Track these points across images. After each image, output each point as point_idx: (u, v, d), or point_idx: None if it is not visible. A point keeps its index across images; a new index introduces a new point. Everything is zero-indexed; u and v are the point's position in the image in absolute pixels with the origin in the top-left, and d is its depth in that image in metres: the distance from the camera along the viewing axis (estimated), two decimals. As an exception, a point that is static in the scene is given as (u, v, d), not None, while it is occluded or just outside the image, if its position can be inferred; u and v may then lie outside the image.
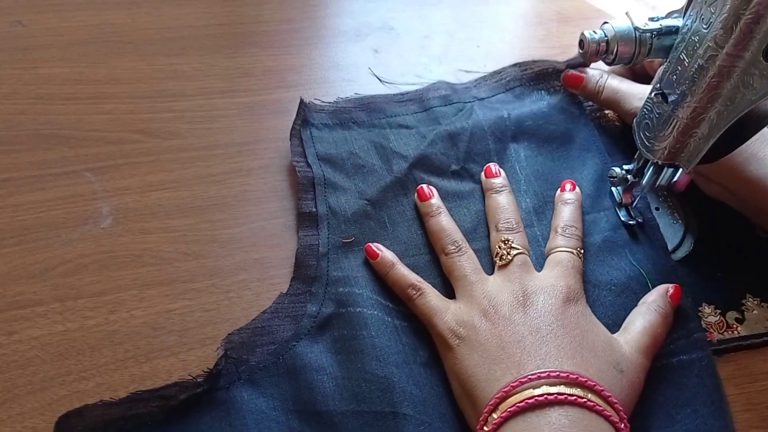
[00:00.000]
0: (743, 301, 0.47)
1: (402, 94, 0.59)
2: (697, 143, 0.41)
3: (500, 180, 0.51)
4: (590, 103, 0.58)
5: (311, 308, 0.45)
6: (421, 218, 0.50)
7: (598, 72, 0.56)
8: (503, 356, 0.39)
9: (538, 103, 0.58)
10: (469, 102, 0.58)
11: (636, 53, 0.42)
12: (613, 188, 0.51)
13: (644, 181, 0.47)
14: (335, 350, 0.43)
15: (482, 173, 0.52)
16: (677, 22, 0.41)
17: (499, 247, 0.46)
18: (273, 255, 0.48)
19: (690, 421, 0.41)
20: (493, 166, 0.51)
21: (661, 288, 0.45)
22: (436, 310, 0.43)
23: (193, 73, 0.60)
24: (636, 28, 0.42)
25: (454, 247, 0.46)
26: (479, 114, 0.56)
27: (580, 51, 0.44)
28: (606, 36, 0.42)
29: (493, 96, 0.59)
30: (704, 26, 0.38)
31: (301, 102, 0.56)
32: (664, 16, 0.42)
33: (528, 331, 0.40)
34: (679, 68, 0.40)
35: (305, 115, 0.55)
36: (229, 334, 0.43)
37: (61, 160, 0.52)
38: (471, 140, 0.55)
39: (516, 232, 0.46)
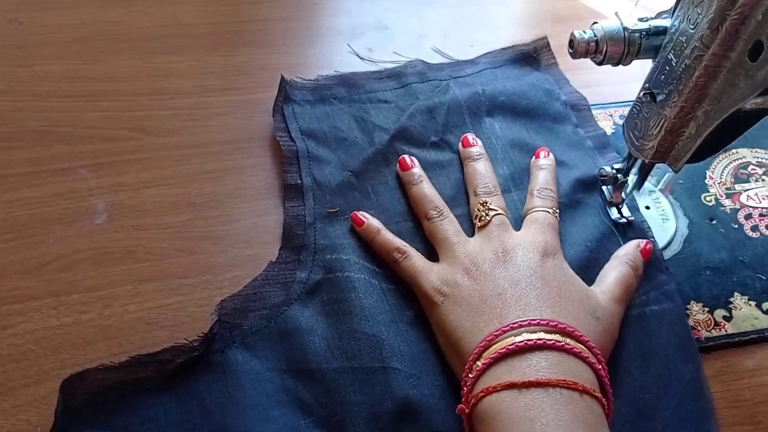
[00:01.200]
0: (731, 300, 0.48)
1: (380, 71, 0.62)
2: (684, 143, 0.42)
3: (477, 149, 0.53)
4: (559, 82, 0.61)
5: (300, 275, 0.47)
6: (403, 187, 0.52)
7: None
8: (485, 309, 0.40)
9: (511, 81, 0.61)
10: (445, 80, 0.61)
11: (625, 53, 0.42)
12: (603, 187, 0.52)
13: (633, 180, 0.47)
14: (325, 313, 0.45)
15: (459, 143, 0.54)
16: (666, 22, 0.41)
17: (478, 210, 0.48)
18: (266, 252, 0.48)
19: (662, 365, 0.44)
20: (470, 136, 0.54)
21: (632, 242, 0.48)
22: (420, 270, 0.45)
23: (189, 71, 0.61)
24: (625, 28, 0.42)
25: (435, 212, 0.48)
26: (455, 90, 0.59)
27: (570, 50, 0.44)
28: (595, 36, 0.42)
29: (467, 75, 0.62)
30: (691, 26, 0.38)
31: (282, 79, 0.58)
32: (653, 16, 0.43)
33: (508, 284, 0.41)
34: (667, 68, 0.41)
35: (287, 92, 0.57)
36: (222, 300, 0.44)
37: (57, 157, 0.52)
38: (448, 114, 0.57)
39: (493, 195, 0.48)
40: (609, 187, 0.51)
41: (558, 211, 0.48)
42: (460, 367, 0.40)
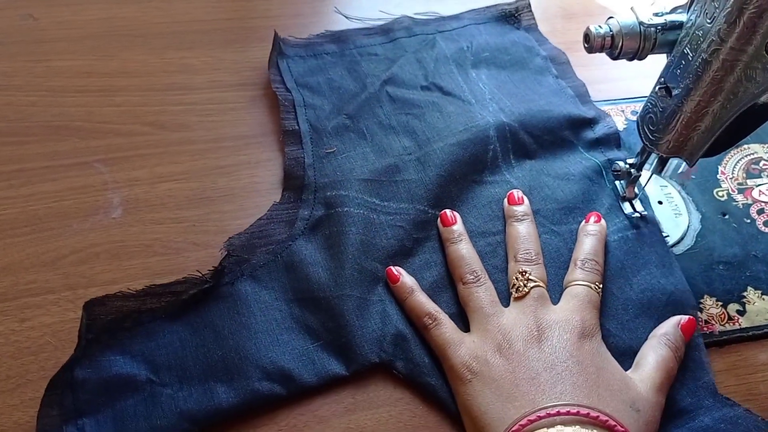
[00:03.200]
0: (744, 294, 0.48)
1: (368, 28, 0.65)
2: (700, 137, 0.42)
3: (523, 208, 0.49)
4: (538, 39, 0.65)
5: (303, 212, 0.49)
6: (398, 127, 0.55)
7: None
8: (517, 394, 0.38)
9: (494, 38, 0.65)
10: (432, 33, 0.64)
11: (641, 48, 0.43)
12: (617, 182, 0.52)
13: (648, 174, 0.48)
14: (327, 246, 0.47)
15: (505, 200, 0.50)
16: (681, 16, 0.42)
17: (516, 279, 0.45)
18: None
19: (645, 281, 0.46)
20: (516, 193, 0.50)
21: (672, 320, 0.44)
22: (450, 342, 0.42)
23: (202, 67, 0.61)
24: (641, 23, 0.42)
25: (472, 277, 0.45)
26: (442, 44, 0.63)
27: (586, 45, 0.44)
28: (611, 30, 0.43)
29: (453, 30, 0.65)
30: (708, 21, 0.38)
31: (276, 35, 0.61)
32: (668, 11, 0.43)
33: (543, 367, 0.39)
34: (683, 62, 0.41)
35: (281, 47, 0.61)
36: (230, 237, 0.47)
37: (73, 152, 0.53)
38: (436, 64, 0.61)
39: (534, 264, 0.45)
40: (622, 182, 0.51)
41: (601, 285, 0.45)
42: None
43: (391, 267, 0.47)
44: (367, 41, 0.63)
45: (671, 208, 0.53)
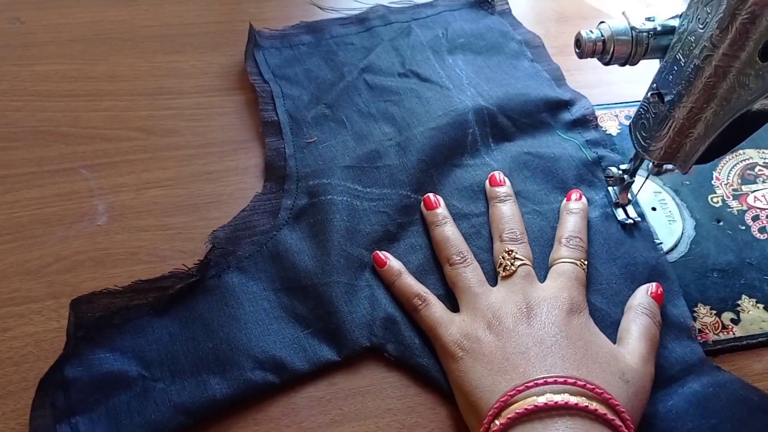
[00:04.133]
0: (739, 302, 0.47)
1: (344, 18, 0.66)
2: (693, 143, 0.41)
3: (505, 189, 0.50)
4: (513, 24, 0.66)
5: (286, 202, 0.50)
6: (377, 114, 0.56)
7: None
8: (508, 367, 0.38)
9: (468, 24, 0.66)
10: (407, 21, 0.65)
11: (632, 53, 0.42)
12: (609, 188, 0.51)
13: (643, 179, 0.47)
14: (312, 234, 0.48)
15: (487, 182, 0.51)
16: (674, 21, 0.41)
17: (503, 258, 0.45)
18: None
19: (628, 256, 0.48)
20: (497, 174, 0.51)
21: (641, 289, 0.45)
22: (440, 321, 0.42)
23: (191, 71, 0.60)
24: (633, 28, 0.41)
25: (458, 258, 0.45)
26: (417, 32, 0.64)
27: (577, 50, 0.43)
28: (603, 35, 0.42)
29: (428, 17, 0.66)
30: (700, 26, 0.37)
31: (251, 27, 0.62)
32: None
33: (532, 342, 0.39)
34: (676, 68, 0.40)
35: (256, 39, 0.61)
36: (214, 230, 0.47)
37: (58, 157, 0.52)
38: (412, 51, 0.62)
39: (520, 243, 0.46)
40: (615, 188, 0.51)
41: (586, 262, 0.46)
42: (477, 428, 0.38)
43: (378, 252, 0.47)
44: (342, 31, 0.64)
45: (665, 214, 0.52)
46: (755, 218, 0.52)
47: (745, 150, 0.57)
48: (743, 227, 0.51)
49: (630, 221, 0.49)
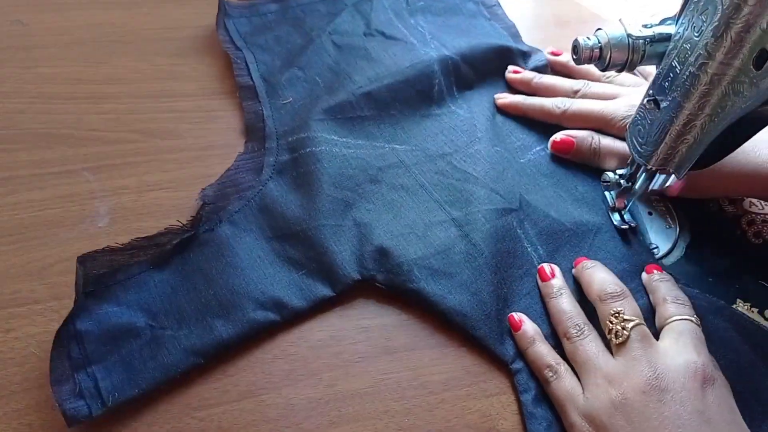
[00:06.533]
0: (734, 306, 0.47)
1: None
2: (688, 150, 0.42)
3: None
4: None
5: (269, 159, 0.53)
6: (347, 68, 0.59)
7: (587, 133, 0.54)
8: None
9: None
10: None
11: (629, 60, 0.42)
12: (606, 193, 0.52)
13: (637, 187, 0.47)
14: (296, 186, 0.51)
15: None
16: (670, 29, 0.41)
17: (611, 322, 0.42)
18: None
19: (581, 194, 0.53)
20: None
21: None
22: (568, 398, 0.40)
23: (192, 74, 0.61)
24: (629, 35, 0.42)
25: (575, 331, 0.43)
26: None
27: (574, 57, 0.44)
28: (599, 42, 0.42)
29: None
30: (696, 34, 0.38)
31: (220, 1, 0.65)
32: (657, 23, 0.43)
33: (669, 428, 0.36)
34: (671, 75, 0.41)
35: (226, 9, 0.65)
36: (202, 189, 0.50)
37: (60, 159, 0.52)
38: (376, 14, 0.66)
39: (623, 298, 0.43)
40: (612, 192, 0.51)
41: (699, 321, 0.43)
42: None
43: (513, 314, 0.45)
44: None
45: (661, 219, 0.52)
46: (750, 223, 0.52)
47: (741, 155, 0.57)
48: (738, 232, 0.52)
49: (626, 226, 0.50)
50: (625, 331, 0.41)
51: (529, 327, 0.44)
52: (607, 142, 0.53)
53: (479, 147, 0.55)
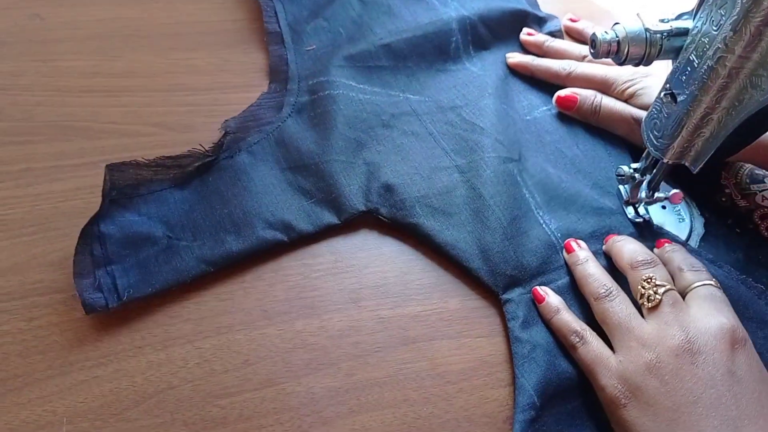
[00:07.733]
0: (747, 299, 0.48)
1: None
2: (705, 143, 0.42)
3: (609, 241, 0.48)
4: None
5: (289, 99, 0.57)
6: (369, 21, 0.63)
7: (591, 92, 0.58)
8: (678, 419, 0.37)
9: None
10: None
11: (646, 54, 0.43)
12: (620, 186, 0.52)
13: (652, 181, 0.48)
14: (313, 124, 0.55)
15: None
16: (687, 23, 0.42)
17: (643, 287, 0.42)
18: (286, 247, 0.49)
19: (589, 143, 0.57)
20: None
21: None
22: (598, 362, 0.41)
23: (207, 68, 0.61)
24: (647, 29, 0.42)
25: (603, 290, 0.43)
26: None
27: (591, 51, 0.44)
28: (617, 36, 0.43)
29: None
30: (714, 28, 0.38)
31: None
32: (674, 17, 0.43)
33: (702, 388, 0.37)
34: (689, 69, 0.41)
35: None
36: (225, 120, 0.54)
37: (79, 152, 0.53)
38: None
39: (655, 266, 0.44)
40: (626, 186, 0.51)
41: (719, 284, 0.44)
42: None
43: (537, 288, 0.47)
44: None
45: (674, 212, 0.53)
46: (763, 217, 0.53)
47: (753, 150, 0.57)
48: (751, 226, 0.52)
49: (640, 219, 0.50)
50: (657, 296, 0.41)
51: (553, 298, 0.46)
52: (608, 101, 0.56)
53: (488, 102, 0.58)
